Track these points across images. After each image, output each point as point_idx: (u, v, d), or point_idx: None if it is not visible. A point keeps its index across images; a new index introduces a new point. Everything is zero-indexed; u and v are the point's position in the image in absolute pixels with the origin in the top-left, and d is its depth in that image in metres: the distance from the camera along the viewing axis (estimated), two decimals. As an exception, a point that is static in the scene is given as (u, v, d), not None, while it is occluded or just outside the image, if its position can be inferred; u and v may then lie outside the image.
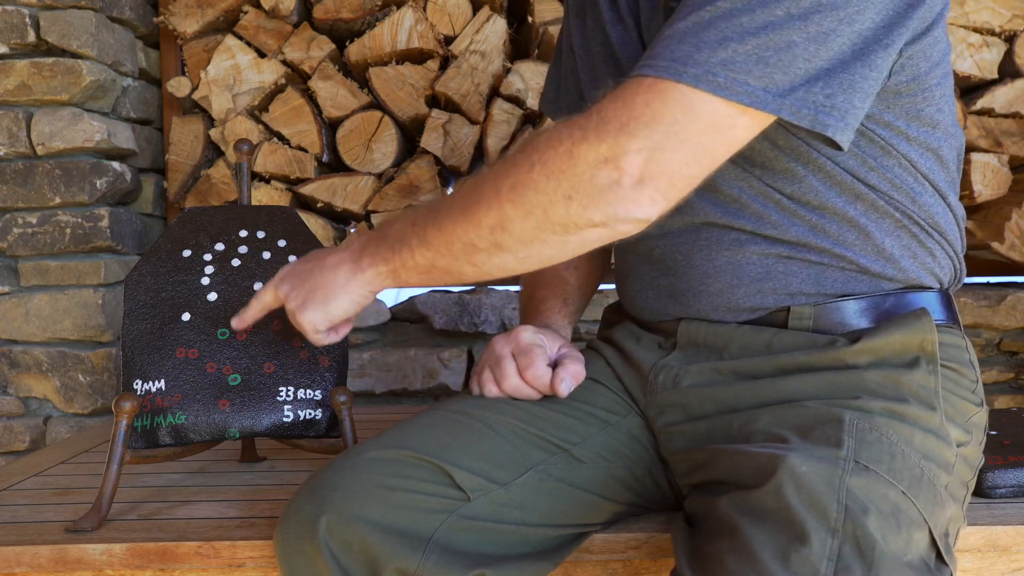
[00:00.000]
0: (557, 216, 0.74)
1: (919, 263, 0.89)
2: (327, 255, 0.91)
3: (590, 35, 1.01)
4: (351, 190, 1.86)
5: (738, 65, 0.70)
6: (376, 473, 0.82)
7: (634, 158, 0.70)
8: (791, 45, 0.71)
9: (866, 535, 0.68)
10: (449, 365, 1.91)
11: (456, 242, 0.79)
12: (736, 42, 0.70)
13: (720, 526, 0.72)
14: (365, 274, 0.86)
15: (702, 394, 0.90)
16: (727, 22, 0.71)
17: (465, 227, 0.78)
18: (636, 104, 0.71)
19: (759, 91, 0.70)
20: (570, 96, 1.14)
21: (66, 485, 1.21)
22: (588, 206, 0.72)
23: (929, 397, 0.83)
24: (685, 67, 0.70)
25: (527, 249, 0.77)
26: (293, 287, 0.92)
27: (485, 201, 0.76)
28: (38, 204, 1.74)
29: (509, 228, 0.76)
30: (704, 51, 0.70)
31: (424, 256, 0.81)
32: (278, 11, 1.83)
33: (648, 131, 0.70)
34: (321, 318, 0.90)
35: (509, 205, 0.75)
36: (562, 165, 0.72)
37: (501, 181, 0.76)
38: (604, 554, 0.95)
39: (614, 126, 0.71)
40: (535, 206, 0.74)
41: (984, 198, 1.78)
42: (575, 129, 0.73)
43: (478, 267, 0.80)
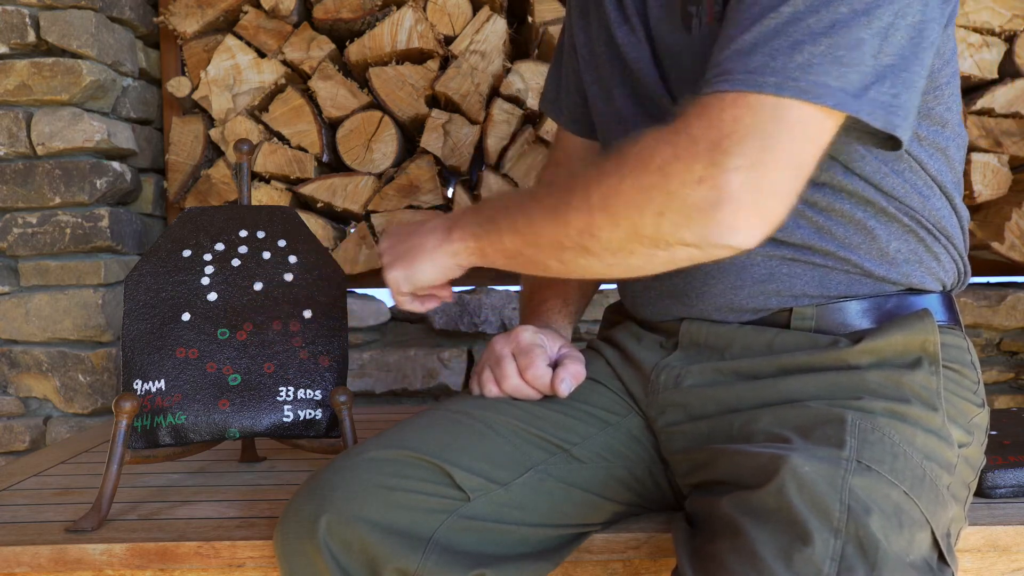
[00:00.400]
0: (647, 230, 0.72)
1: (923, 267, 0.89)
2: (432, 217, 0.91)
3: (594, 35, 1.01)
4: (351, 190, 1.86)
5: (815, 68, 0.68)
6: (376, 473, 0.82)
7: (733, 178, 0.68)
8: (860, 42, 0.69)
9: (869, 535, 0.68)
10: (449, 365, 1.91)
11: (544, 235, 0.79)
12: (809, 44, 0.69)
13: (722, 526, 0.72)
14: (453, 245, 0.87)
15: (703, 394, 0.90)
16: (794, 26, 0.70)
17: (554, 225, 0.78)
18: (724, 121, 0.69)
19: (839, 92, 0.69)
20: (571, 97, 1.14)
21: (66, 485, 1.21)
22: (680, 225, 0.71)
23: (931, 398, 0.83)
24: (764, 76, 0.69)
25: (613, 257, 0.76)
26: (391, 244, 0.93)
27: (576, 205, 0.76)
28: (38, 204, 1.74)
29: (597, 235, 0.75)
30: (779, 58, 0.69)
31: (512, 242, 0.82)
32: (278, 11, 1.83)
33: (742, 148, 0.68)
34: (404, 279, 0.91)
35: (600, 213, 0.74)
36: (655, 181, 0.71)
37: (592, 187, 0.75)
38: (604, 554, 0.95)
39: (705, 145, 0.69)
40: (625, 217, 0.73)
41: (984, 198, 1.78)
42: (665, 145, 0.71)
43: (564, 264, 0.80)
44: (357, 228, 1.89)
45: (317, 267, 1.14)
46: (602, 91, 1.01)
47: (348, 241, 1.89)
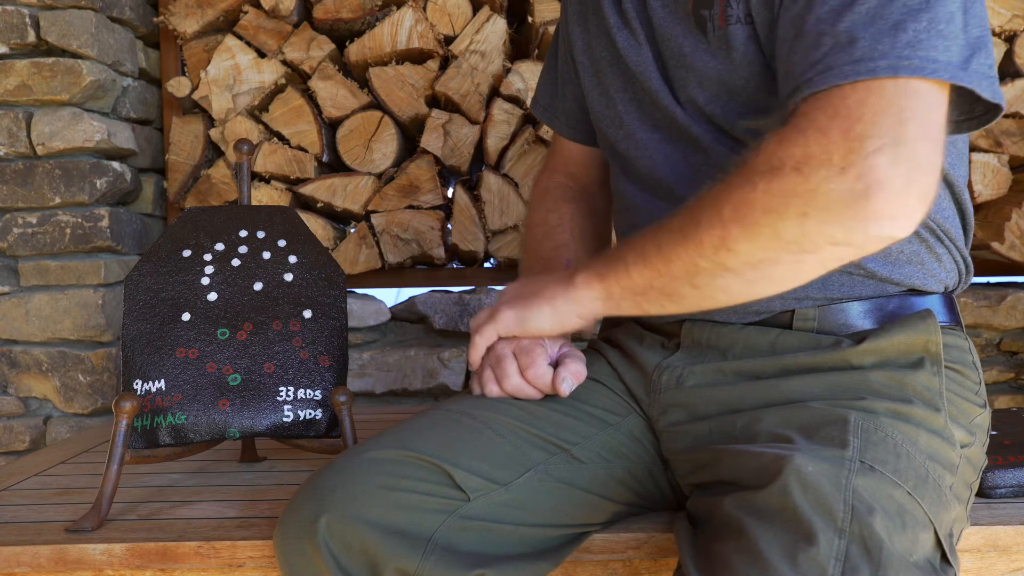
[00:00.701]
0: (790, 234, 0.70)
1: (925, 269, 0.89)
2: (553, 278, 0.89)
3: (594, 40, 1.01)
4: (351, 190, 1.86)
5: (923, 43, 0.67)
6: (376, 473, 0.82)
7: (878, 160, 0.65)
8: (952, 16, 0.69)
9: (873, 535, 0.68)
10: (449, 365, 1.91)
11: (676, 261, 0.76)
12: (912, 21, 0.68)
13: (725, 526, 0.72)
14: (577, 291, 0.85)
15: (706, 394, 0.90)
16: (889, 7, 0.69)
17: (686, 246, 0.75)
18: (849, 106, 0.67)
19: (948, 65, 0.68)
20: (568, 104, 1.14)
21: (66, 485, 1.21)
22: (827, 222, 0.68)
23: (933, 398, 0.83)
24: (875, 61, 0.67)
25: (755, 271, 0.73)
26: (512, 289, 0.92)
27: (707, 222, 0.73)
28: (38, 204, 1.75)
29: (735, 248, 0.72)
30: (884, 40, 0.67)
31: (641, 275, 0.79)
32: (278, 11, 1.83)
33: (877, 127, 0.66)
34: (515, 319, 0.89)
35: (733, 225, 0.71)
36: (791, 184, 0.68)
37: (723, 203, 0.73)
38: (604, 554, 0.95)
39: (837, 134, 0.67)
40: (763, 226, 0.70)
41: (984, 198, 1.78)
42: (794, 147, 0.69)
43: (699, 289, 0.77)
44: (357, 228, 1.89)
45: (317, 267, 1.14)
46: (602, 97, 1.01)
47: (348, 241, 1.89)
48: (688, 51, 0.88)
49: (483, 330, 0.92)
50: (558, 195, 1.15)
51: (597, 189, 1.18)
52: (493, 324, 0.91)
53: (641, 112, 0.96)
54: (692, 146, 0.91)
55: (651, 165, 0.95)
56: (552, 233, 1.11)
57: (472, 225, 1.88)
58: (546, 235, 1.11)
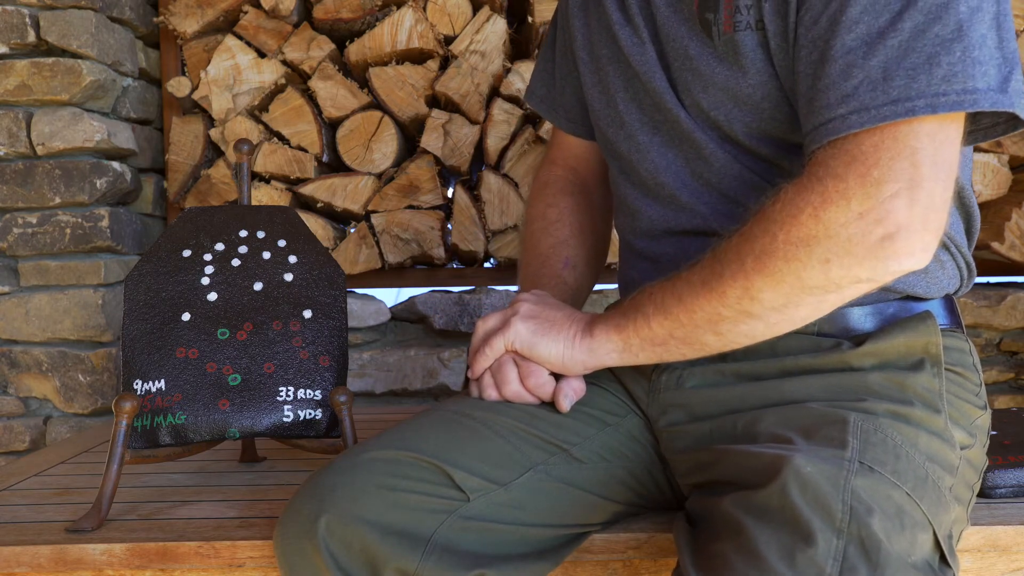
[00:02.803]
0: (814, 281, 0.72)
1: (929, 278, 0.89)
2: (575, 316, 0.89)
3: (595, 36, 1.00)
4: (351, 190, 1.86)
5: (958, 75, 0.68)
6: (376, 473, 0.82)
7: (893, 205, 0.68)
8: (984, 38, 0.69)
9: (871, 536, 0.68)
10: (449, 365, 1.91)
11: (699, 311, 0.78)
12: (945, 54, 0.68)
13: (724, 526, 0.72)
14: (595, 341, 0.86)
15: (705, 395, 0.90)
16: (921, 39, 0.69)
17: (708, 298, 0.77)
18: (865, 152, 0.69)
19: (987, 92, 0.68)
20: (567, 99, 1.13)
21: (66, 485, 1.21)
22: (851, 266, 0.71)
23: (933, 400, 0.83)
24: (912, 101, 0.68)
25: (779, 315, 0.76)
26: (535, 302, 0.91)
27: (730, 274, 0.75)
28: (38, 204, 1.75)
29: (758, 297, 0.74)
30: (920, 78, 0.68)
31: (662, 326, 0.81)
32: (278, 11, 1.83)
33: (892, 173, 0.68)
34: (526, 337, 0.88)
35: (757, 276, 0.74)
36: (811, 231, 0.71)
37: (745, 254, 0.74)
38: (604, 554, 0.95)
39: (856, 180, 0.69)
40: (786, 274, 0.72)
41: (984, 198, 1.78)
42: (811, 194, 0.71)
43: (722, 336, 0.79)
44: (357, 228, 1.89)
45: (317, 267, 1.14)
46: (603, 95, 1.00)
47: (348, 241, 1.89)
48: (694, 54, 0.87)
49: (493, 342, 0.91)
50: (557, 188, 1.15)
51: (597, 183, 1.17)
52: (503, 336, 0.90)
53: (642, 113, 0.95)
54: (694, 152, 0.90)
55: (652, 170, 0.94)
56: (551, 228, 1.10)
57: (472, 225, 1.88)
58: (545, 230, 1.10)
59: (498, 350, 0.91)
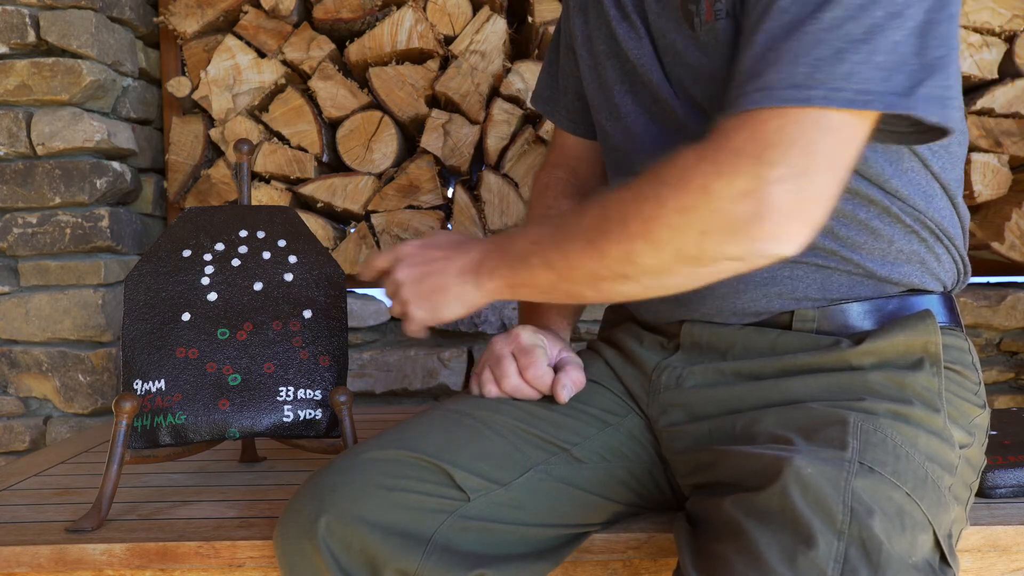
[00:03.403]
0: (690, 251, 0.73)
1: (925, 268, 0.89)
2: (454, 258, 0.90)
3: (593, 33, 1.01)
4: (351, 190, 1.86)
5: (860, 75, 0.69)
6: (376, 473, 0.82)
7: (777, 189, 0.68)
8: (897, 44, 0.70)
9: (872, 537, 0.68)
10: (449, 365, 1.91)
11: (580, 269, 0.79)
12: (851, 52, 0.69)
13: (725, 527, 0.72)
14: (482, 288, 0.87)
15: (705, 395, 0.90)
16: (834, 34, 0.70)
17: (591, 257, 0.78)
18: (768, 131, 0.69)
19: (888, 95, 0.69)
20: (569, 97, 1.13)
21: (66, 485, 1.21)
22: (724, 242, 0.71)
23: (933, 399, 0.83)
24: (811, 90, 0.69)
25: (654, 279, 0.77)
26: (411, 280, 0.92)
27: (614, 235, 0.76)
28: (38, 204, 1.75)
29: (637, 262, 0.75)
30: (824, 68, 0.69)
31: (546, 278, 0.82)
32: (278, 11, 1.83)
33: (787, 158, 0.68)
34: (429, 318, 0.91)
35: (640, 240, 0.74)
36: (696, 201, 0.71)
37: (630, 215, 0.75)
38: (604, 554, 0.95)
39: (749, 158, 0.69)
40: (667, 242, 0.73)
41: (984, 198, 1.78)
42: (705, 163, 0.71)
43: (600, 292, 0.80)
44: (357, 228, 1.89)
45: (317, 267, 1.14)
46: (602, 90, 1.01)
47: (348, 241, 1.89)
48: (681, 47, 0.88)
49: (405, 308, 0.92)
50: (559, 191, 1.15)
51: (597, 184, 1.18)
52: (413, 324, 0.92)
53: (639, 106, 0.95)
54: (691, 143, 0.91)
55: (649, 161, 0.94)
56: None
57: (472, 225, 1.88)
58: None
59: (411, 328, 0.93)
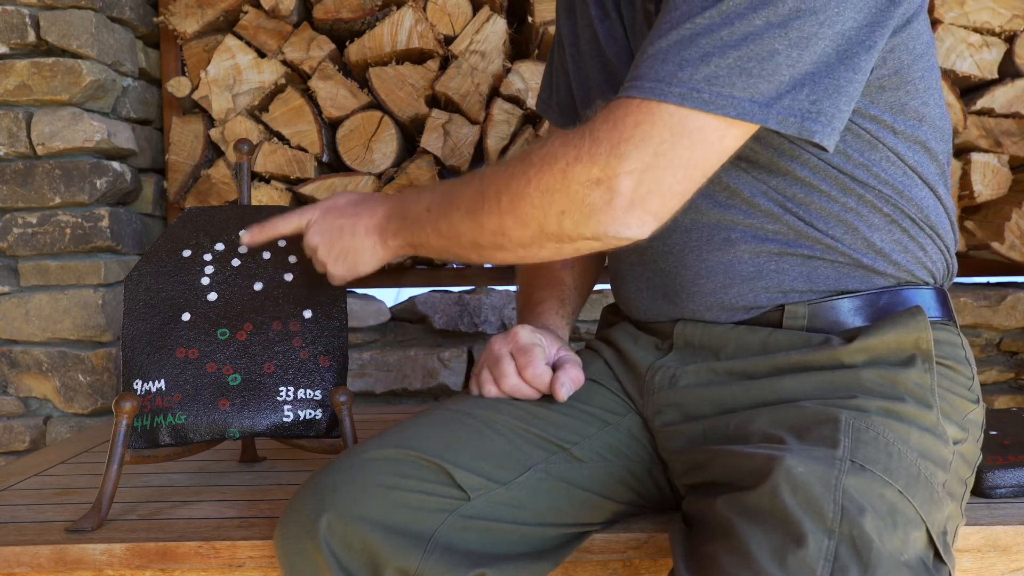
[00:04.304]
0: (551, 229, 0.78)
1: (910, 256, 0.89)
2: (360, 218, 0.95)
3: (580, 32, 1.02)
4: (351, 190, 1.86)
5: (722, 79, 0.71)
6: (376, 473, 0.82)
7: (625, 180, 0.73)
8: (774, 53, 0.71)
9: (863, 535, 0.68)
10: (449, 365, 1.91)
11: (463, 236, 0.84)
12: (718, 56, 0.71)
13: (717, 527, 0.72)
14: (388, 247, 0.94)
15: (699, 394, 0.90)
16: (707, 37, 0.72)
17: (471, 227, 0.83)
18: (626, 126, 0.73)
19: (745, 102, 0.72)
20: (560, 94, 1.14)
21: (66, 485, 1.21)
22: (580, 223, 0.76)
23: (925, 395, 0.83)
24: (670, 87, 0.72)
25: (525, 251, 0.82)
26: (325, 243, 0.98)
27: (487, 208, 0.81)
28: (38, 204, 1.74)
29: (508, 234, 0.81)
30: (687, 69, 0.72)
31: (438, 242, 0.88)
32: (278, 11, 1.83)
33: (638, 153, 0.72)
34: (348, 274, 0.98)
35: (509, 216, 0.80)
36: (556, 183, 0.76)
37: (503, 191, 0.80)
38: (604, 554, 0.95)
39: (605, 147, 0.73)
40: (532, 219, 0.78)
41: (984, 198, 1.78)
42: (569, 148, 0.76)
43: (482, 257, 0.87)
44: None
45: (317, 267, 1.14)
46: (586, 88, 1.02)
47: (348, 241, 1.88)
48: None
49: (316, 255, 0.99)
50: None
51: None
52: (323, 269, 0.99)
53: None
54: None
55: None
56: None
57: (472, 225, 1.88)
58: None
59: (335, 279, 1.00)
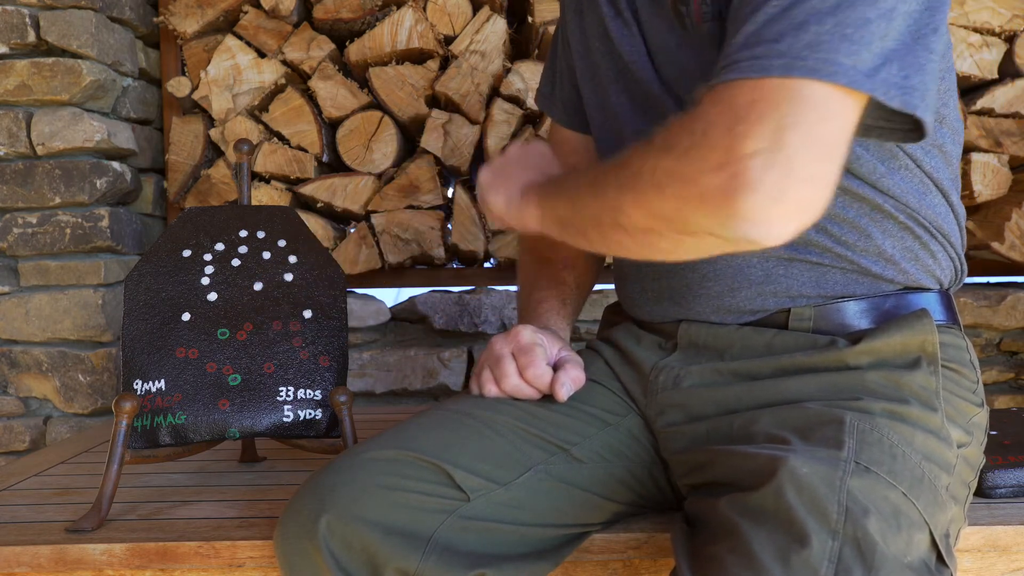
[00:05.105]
0: (668, 213, 0.72)
1: (920, 265, 0.89)
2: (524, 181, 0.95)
3: (588, 30, 1.01)
4: (351, 190, 1.86)
5: (824, 45, 0.67)
6: (376, 473, 0.82)
7: (752, 163, 0.64)
8: (867, 22, 0.68)
9: (867, 537, 0.68)
10: (449, 365, 1.91)
11: (586, 210, 0.81)
12: (815, 23, 0.67)
13: (720, 527, 0.72)
14: (524, 203, 0.92)
15: (702, 395, 0.90)
16: (798, 8, 0.69)
17: (593, 199, 0.80)
18: (738, 106, 0.67)
19: (851, 70, 0.67)
20: (565, 91, 1.14)
21: (66, 485, 1.21)
22: (700, 212, 0.69)
23: (930, 398, 0.83)
24: (771, 59, 0.67)
25: (644, 236, 0.76)
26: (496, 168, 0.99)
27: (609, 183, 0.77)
28: (38, 204, 1.75)
29: (627, 212, 0.75)
30: (785, 39, 0.67)
31: (564, 210, 0.85)
32: (278, 11, 1.83)
33: (759, 131, 0.65)
34: (482, 182, 0.97)
35: (628, 192, 0.75)
36: (674, 165, 0.70)
37: (624, 168, 0.76)
38: (604, 554, 0.95)
39: (720, 131, 0.67)
40: (650, 199, 0.73)
41: (984, 198, 1.78)
42: (685, 132, 0.70)
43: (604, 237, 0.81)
44: (357, 228, 1.89)
45: (317, 267, 1.14)
46: (596, 86, 1.01)
47: (348, 241, 1.89)
48: (673, 46, 0.88)
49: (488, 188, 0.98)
50: None
51: None
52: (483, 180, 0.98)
53: (633, 104, 0.95)
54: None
55: None
56: None
57: (472, 225, 1.88)
58: None
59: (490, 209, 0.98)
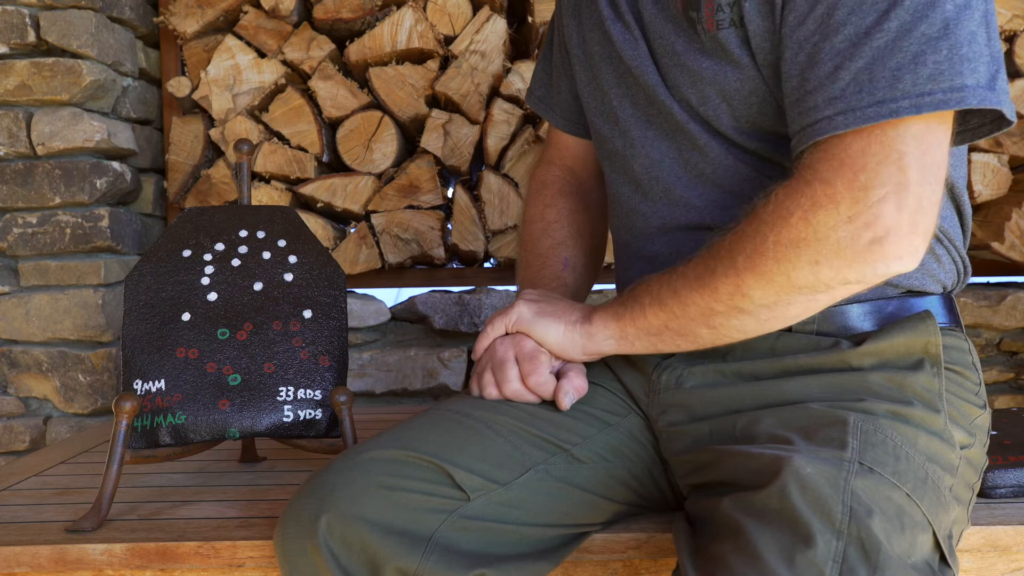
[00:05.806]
0: (803, 281, 0.73)
1: (924, 270, 0.89)
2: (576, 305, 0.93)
3: (588, 33, 1.01)
4: (351, 190, 1.86)
5: (944, 74, 0.68)
6: (376, 473, 0.82)
7: (883, 209, 0.68)
8: (974, 35, 0.69)
9: (871, 537, 0.68)
10: (449, 365, 1.91)
11: (692, 305, 0.80)
12: (931, 52, 0.68)
13: (723, 527, 0.72)
14: (593, 327, 0.89)
15: (705, 395, 0.90)
16: (907, 38, 0.68)
17: (701, 292, 0.79)
18: (852, 155, 0.69)
19: (977, 89, 0.68)
20: (563, 96, 1.14)
21: (66, 485, 1.21)
22: (840, 268, 0.71)
23: (933, 399, 0.83)
24: (897, 102, 0.68)
25: (770, 312, 0.77)
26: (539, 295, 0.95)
27: (722, 271, 0.77)
28: (38, 204, 1.75)
29: (749, 295, 0.76)
30: (905, 78, 0.68)
31: (657, 316, 0.83)
32: (278, 11, 1.83)
33: (880, 176, 0.68)
34: (528, 318, 0.91)
35: (748, 274, 0.75)
36: (801, 234, 0.71)
37: (736, 252, 0.76)
38: (604, 554, 0.95)
39: (843, 184, 0.69)
40: (776, 274, 0.74)
41: (984, 198, 1.78)
42: (800, 197, 0.72)
43: (715, 329, 0.80)
44: (357, 228, 1.89)
45: (317, 267, 1.14)
46: (596, 91, 1.01)
47: (348, 241, 1.89)
48: (680, 50, 0.88)
49: (495, 322, 0.94)
50: (555, 189, 1.15)
51: (594, 183, 1.18)
52: (505, 316, 0.93)
53: (635, 108, 0.95)
54: (688, 144, 0.91)
55: (647, 164, 0.95)
56: (550, 229, 1.11)
57: (472, 225, 1.88)
58: (544, 231, 1.11)
59: (499, 330, 0.94)
